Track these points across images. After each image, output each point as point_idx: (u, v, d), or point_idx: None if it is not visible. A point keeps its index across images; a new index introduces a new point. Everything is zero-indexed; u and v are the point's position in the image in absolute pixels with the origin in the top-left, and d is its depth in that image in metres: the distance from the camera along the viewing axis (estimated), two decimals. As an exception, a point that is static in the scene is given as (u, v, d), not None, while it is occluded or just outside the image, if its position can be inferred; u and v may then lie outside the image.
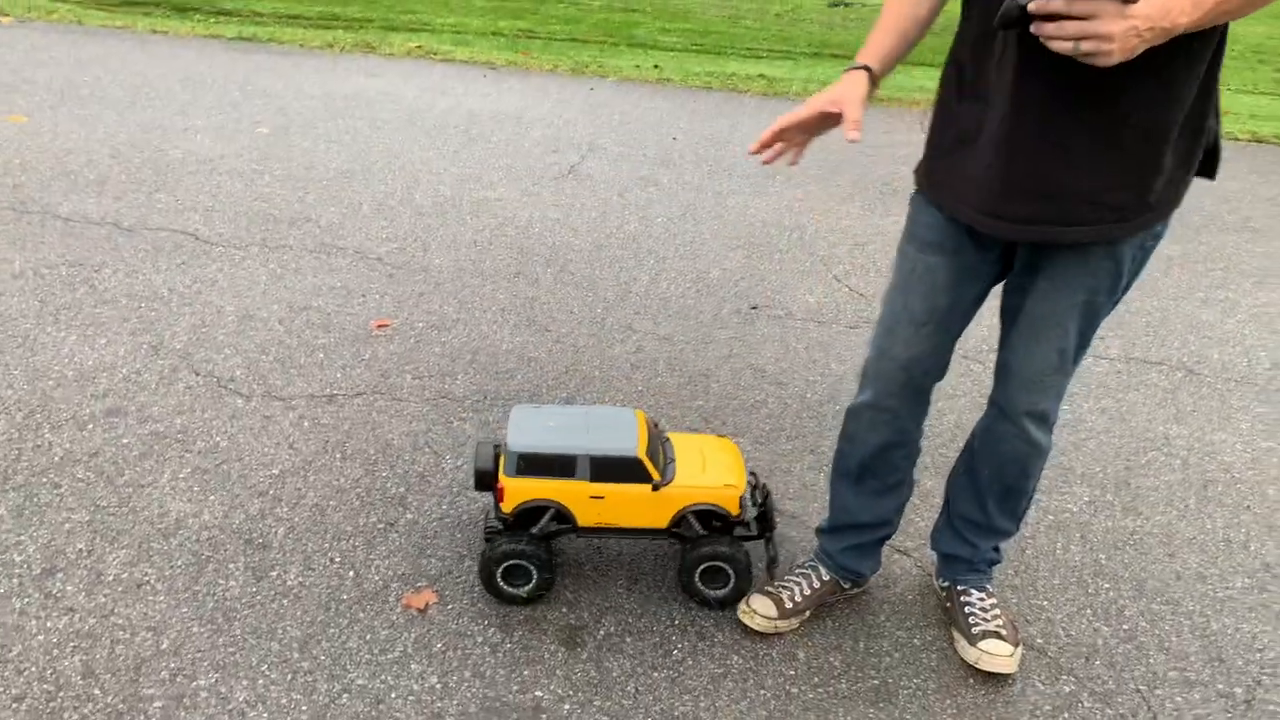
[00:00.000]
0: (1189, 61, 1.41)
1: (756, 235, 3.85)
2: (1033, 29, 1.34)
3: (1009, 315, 1.72)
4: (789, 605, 1.94)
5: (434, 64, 5.81)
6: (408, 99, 5.15)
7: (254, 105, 4.85)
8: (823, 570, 2.01)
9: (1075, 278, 1.61)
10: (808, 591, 1.98)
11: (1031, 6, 1.31)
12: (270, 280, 3.22)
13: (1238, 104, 5.90)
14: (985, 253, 1.66)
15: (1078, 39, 1.29)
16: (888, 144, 4.97)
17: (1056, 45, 1.32)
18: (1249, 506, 2.46)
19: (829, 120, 1.55)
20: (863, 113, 1.52)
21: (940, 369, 1.79)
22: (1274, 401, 2.93)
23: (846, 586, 2.04)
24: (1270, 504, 2.47)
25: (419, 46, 6.08)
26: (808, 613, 1.98)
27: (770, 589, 1.97)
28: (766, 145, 1.57)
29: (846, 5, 8.35)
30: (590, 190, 4.16)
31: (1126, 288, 1.66)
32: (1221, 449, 2.68)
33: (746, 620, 1.94)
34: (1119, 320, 3.31)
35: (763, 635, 1.94)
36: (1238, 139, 5.26)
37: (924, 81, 5.90)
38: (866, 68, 1.56)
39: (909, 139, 5.03)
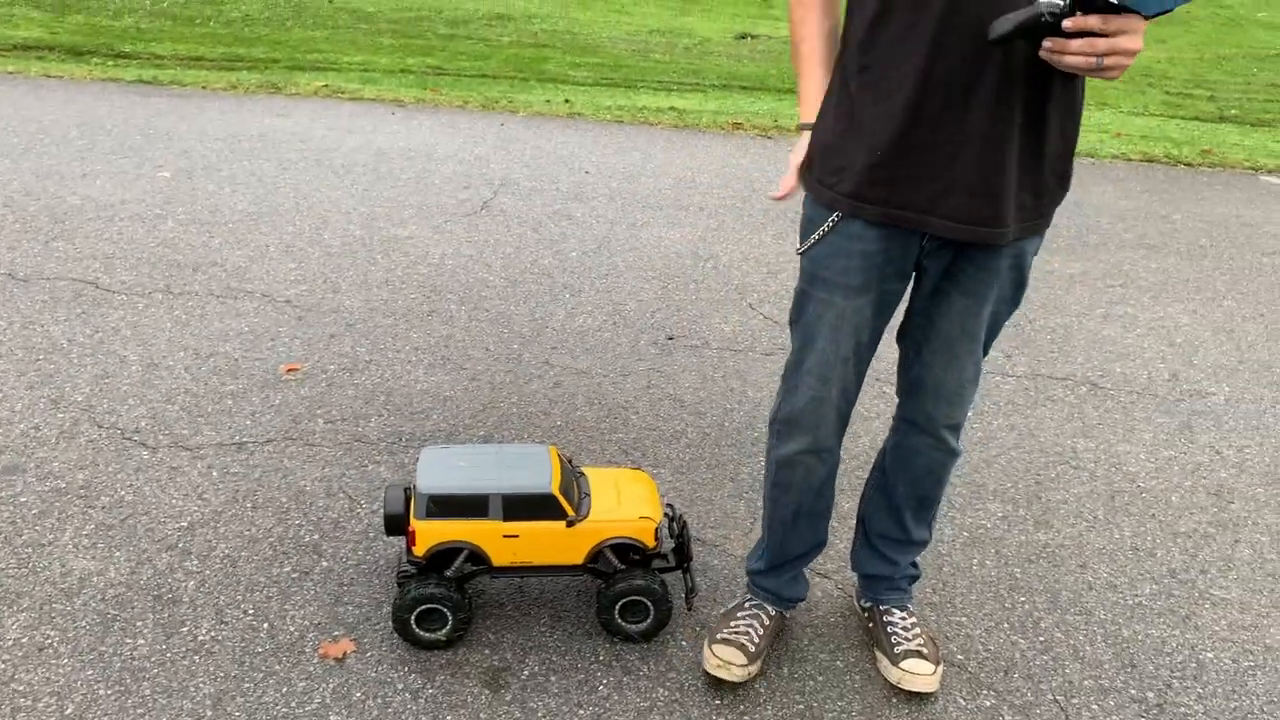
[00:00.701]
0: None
1: (671, 266, 3.88)
2: (1049, 49, 1.34)
3: (919, 334, 1.75)
4: (752, 649, 1.91)
5: (341, 103, 5.76)
6: (315, 138, 5.10)
7: (156, 149, 4.75)
8: (768, 607, 2.01)
9: (988, 288, 1.65)
10: (762, 631, 1.96)
11: (1067, 25, 1.31)
12: (175, 327, 3.14)
13: (1130, 125, 6.13)
14: (902, 281, 1.68)
15: (1104, 55, 1.32)
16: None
17: (1073, 62, 1.33)
18: (1154, 515, 2.53)
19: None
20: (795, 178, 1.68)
21: (860, 388, 1.81)
22: (1174, 412, 3.03)
23: (788, 614, 2.05)
24: (1174, 511, 2.55)
25: (325, 85, 6.03)
26: (767, 652, 1.98)
27: (728, 636, 1.92)
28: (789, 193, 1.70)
29: (753, 38, 8.49)
30: (503, 226, 4.15)
31: (1024, 291, 1.72)
32: (1126, 460, 2.76)
33: (723, 674, 1.88)
34: (1025, 338, 3.40)
35: (687, 668, 1.94)
36: (1130, 159, 5.46)
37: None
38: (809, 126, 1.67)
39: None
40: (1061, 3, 1.31)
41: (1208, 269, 4.06)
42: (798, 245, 1.71)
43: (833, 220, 1.63)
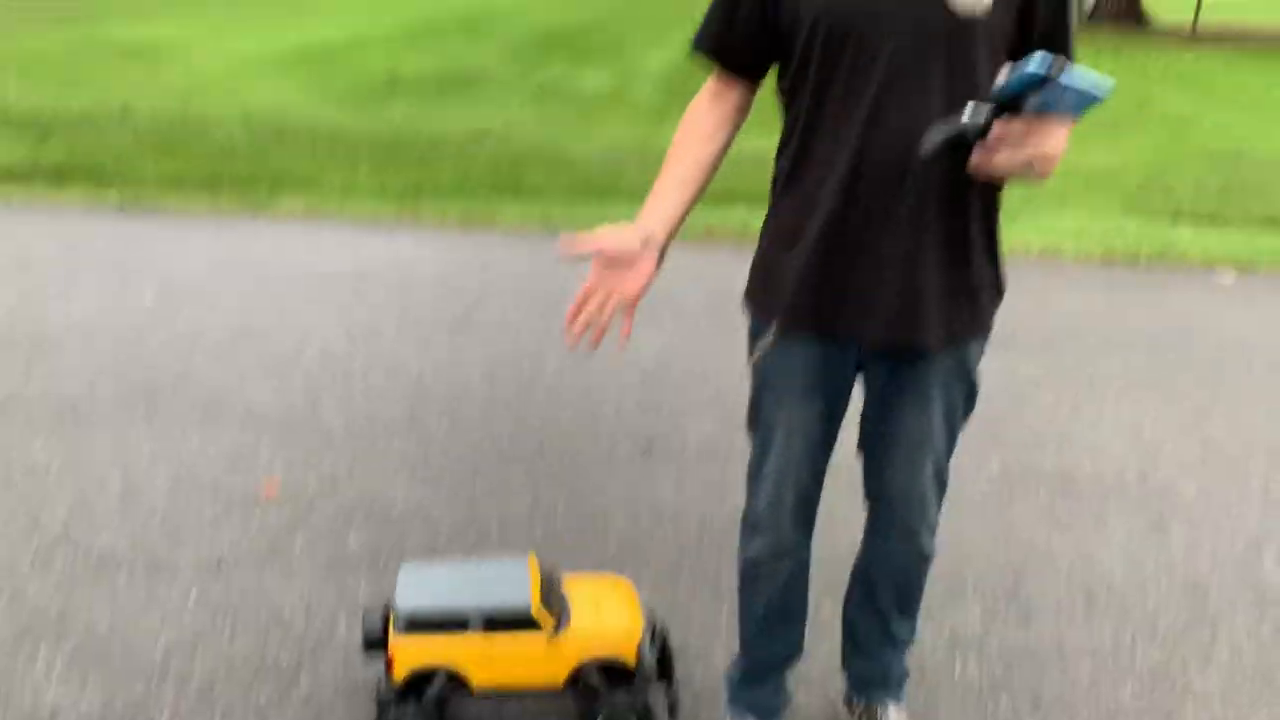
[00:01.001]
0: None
1: (649, 371, 3.93)
2: (976, 158, 1.42)
3: (877, 444, 1.80)
4: None
5: (322, 222, 5.87)
6: (296, 258, 5.18)
7: (137, 273, 4.81)
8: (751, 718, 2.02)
9: (935, 394, 1.71)
10: None
11: (994, 133, 1.37)
12: (155, 449, 3.16)
13: (1090, 226, 6.30)
14: (846, 386, 1.75)
15: (1031, 159, 1.40)
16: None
17: (1002, 168, 1.42)
18: (1132, 612, 2.55)
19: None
20: (612, 247, 1.64)
21: (821, 487, 1.85)
22: (1146, 509, 3.07)
23: None
24: (1150, 609, 2.57)
25: (306, 206, 6.15)
26: None
27: None
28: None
29: (723, 149, 8.66)
30: (482, 338, 4.21)
31: (976, 394, 1.77)
32: (1102, 557, 2.79)
33: None
34: (997, 438, 3.45)
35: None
36: (1091, 259, 5.61)
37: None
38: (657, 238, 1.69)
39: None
40: (987, 112, 1.37)
41: (1170, 366, 4.16)
42: (746, 354, 1.80)
43: (773, 335, 1.70)
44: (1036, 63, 1.28)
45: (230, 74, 11.39)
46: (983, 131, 1.38)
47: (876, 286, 1.59)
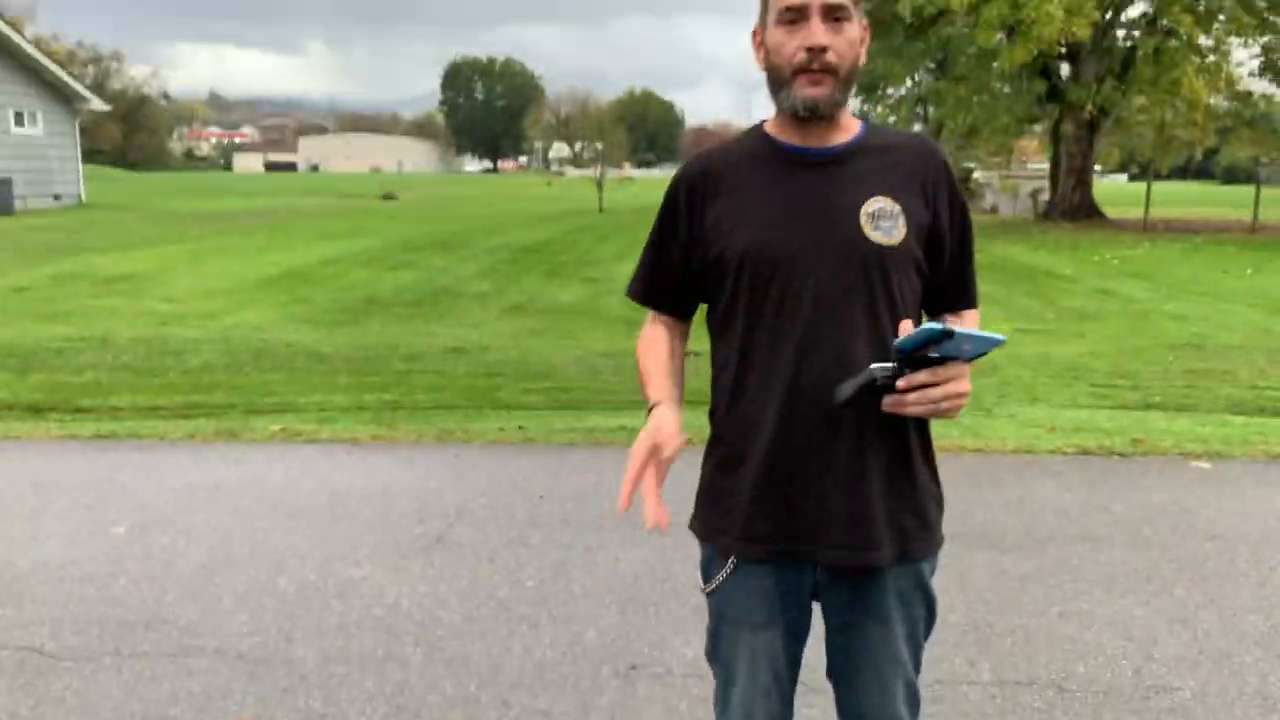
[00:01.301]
0: None
1: (629, 589, 3.87)
2: (888, 403, 1.52)
3: (845, 669, 1.79)
4: None
5: (298, 445, 5.88)
6: (272, 483, 5.16)
7: (110, 505, 4.77)
8: None
9: (895, 613, 1.71)
10: None
11: (901, 384, 1.49)
12: (123, 693, 3.04)
13: (1062, 419, 6.40)
14: (804, 610, 1.76)
15: (940, 401, 1.49)
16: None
17: (913, 412, 1.51)
18: (1141, 828, 2.44)
19: (662, 455, 1.65)
20: (681, 438, 1.65)
21: (791, 708, 1.82)
22: (1142, 711, 2.99)
23: None
24: (1161, 823, 2.47)
25: (283, 429, 6.17)
26: None
27: None
28: (630, 499, 1.63)
29: (696, 355, 8.90)
30: (459, 559, 4.16)
31: (935, 608, 1.78)
32: (1105, 768, 2.69)
33: None
34: (986, 643, 3.39)
35: None
36: (1066, 453, 5.66)
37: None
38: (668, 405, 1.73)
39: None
40: (892, 365, 1.49)
41: (1154, 558, 4.14)
42: (700, 584, 1.81)
43: (730, 565, 1.73)
44: (933, 326, 1.44)
45: (209, 298, 11.65)
46: (890, 382, 1.50)
47: (825, 507, 1.64)
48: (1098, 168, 31.10)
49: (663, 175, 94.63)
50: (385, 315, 10.78)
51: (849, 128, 1.74)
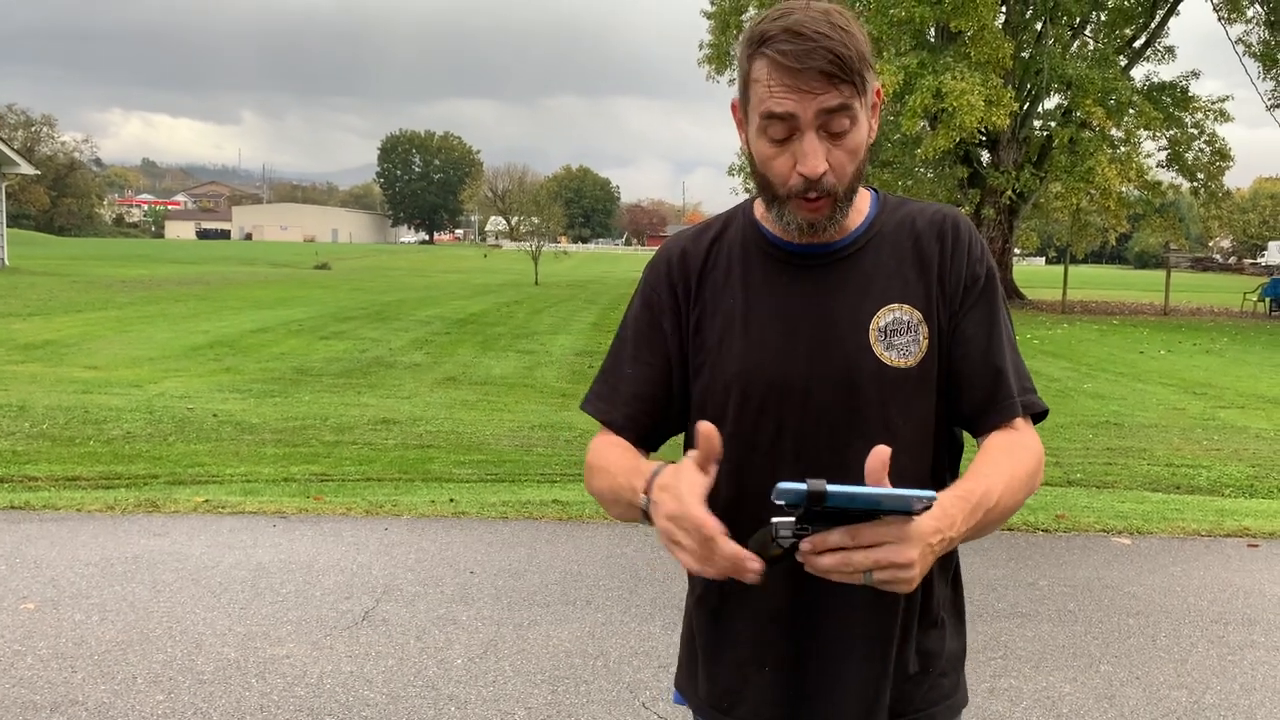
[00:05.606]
0: None
1: (561, 667, 3.81)
2: (807, 566, 1.18)
3: None
4: None
5: (222, 517, 5.73)
6: (193, 557, 5.01)
7: (21, 579, 4.59)
8: None
9: None
10: None
11: (804, 546, 1.15)
12: (24, 779, 2.90)
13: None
14: None
15: (868, 570, 1.16)
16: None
17: (840, 579, 1.17)
18: None
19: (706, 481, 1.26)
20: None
21: None
22: (1072, 788, 3.01)
23: None
24: None
25: (206, 500, 6.01)
26: None
27: None
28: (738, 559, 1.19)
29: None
30: (385, 636, 4.06)
31: None
32: (1035, 847, 2.70)
33: None
34: None
35: None
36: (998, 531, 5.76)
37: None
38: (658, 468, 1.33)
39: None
40: (793, 520, 1.14)
41: (1079, 634, 4.20)
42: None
43: None
44: (798, 486, 1.10)
45: (134, 366, 11.40)
46: (795, 542, 1.16)
47: (838, 666, 1.47)
48: (1017, 250, 32.11)
49: (598, 249, 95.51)
50: (316, 385, 10.64)
51: (858, 207, 1.47)
